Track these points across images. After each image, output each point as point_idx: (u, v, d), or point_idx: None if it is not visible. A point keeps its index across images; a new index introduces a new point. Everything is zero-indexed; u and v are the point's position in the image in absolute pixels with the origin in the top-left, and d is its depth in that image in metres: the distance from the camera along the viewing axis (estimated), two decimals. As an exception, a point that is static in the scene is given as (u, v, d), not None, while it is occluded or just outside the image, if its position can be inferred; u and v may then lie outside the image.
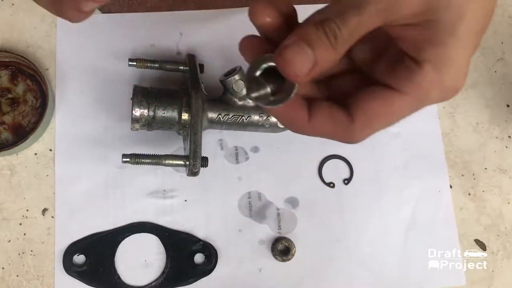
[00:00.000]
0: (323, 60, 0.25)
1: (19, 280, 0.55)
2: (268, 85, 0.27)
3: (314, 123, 0.28)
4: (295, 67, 0.25)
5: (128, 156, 0.50)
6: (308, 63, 0.25)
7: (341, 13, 0.25)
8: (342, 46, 0.25)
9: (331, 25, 0.25)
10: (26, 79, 0.58)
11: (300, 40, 0.25)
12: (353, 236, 0.58)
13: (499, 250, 0.59)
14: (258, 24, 0.28)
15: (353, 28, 0.25)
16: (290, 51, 0.25)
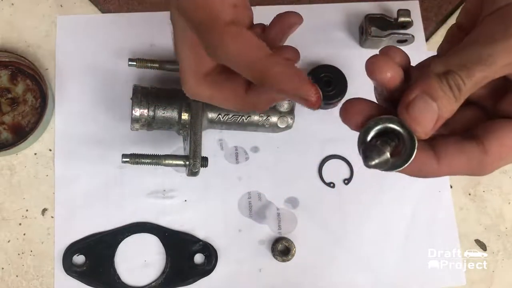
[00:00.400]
0: (446, 113, 0.25)
1: (19, 280, 0.55)
2: (385, 148, 0.26)
3: (445, 163, 0.27)
4: (423, 124, 0.25)
5: (128, 156, 0.50)
6: (434, 118, 0.25)
7: (466, 67, 0.25)
8: (464, 97, 0.25)
9: (456, 79, 0.25)
10: (26, 79, 0.58)
11: (425, 95, 0.25)
12: (353, 236, 0.58)
13: (499, 250, 0.59)
14: (380, 81, 0.27)
15: (478, 82, 0.25)
16: (416, 108, 0.25)
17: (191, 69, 0.35)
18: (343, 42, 0.62)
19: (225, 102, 0.36)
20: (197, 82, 0.36)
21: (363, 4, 0.63)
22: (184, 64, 0.36)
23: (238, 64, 0.30)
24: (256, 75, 0.29)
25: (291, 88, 0.29)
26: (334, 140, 0.60)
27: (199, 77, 0.36)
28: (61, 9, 0.61)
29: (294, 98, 0.30)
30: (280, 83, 0.29)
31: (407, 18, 0.58)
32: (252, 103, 0.36)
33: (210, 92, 0.36)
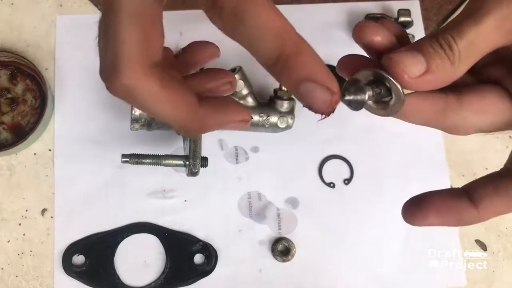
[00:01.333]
0: (438, 70, 0.24)
1: (19, 281, 0.55)
2: (366, 89, 0.25)
3: (485, 209, 0.25)
4: (405, 67, 0.24)
5: (127, 156, 0.50)
6: (418, 67, 0.24)
7: (456, 25, 0.24)
8: (461, 61, 0.24)
9: (446, 37, 0.24)
10: (26, 79, 0.58)
11: (412, 48, 0.24)
12: (354, 236, 0.58)
13: (499, 251, 0.59)
14: (366, 42, 0.26)
15: (470, 41, 0.24)
16: (400, 54, 0.24)
17: (134, 52, 0.24)
18: (343, 42, 0.62)
19: (171, 109, 0.25)
20: (140, 70, 0.24)
21: (363, 4, 0.63)
22: (124, 44, 0.24)
23: (270, 32, 0.23)
24: (288, 50, 0.23)
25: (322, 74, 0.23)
26: (334, 140, 0.60)
27: (145, 65, 0.24)
28: (60, 9, 0.61)
29: None
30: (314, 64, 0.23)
31: (408, 18, 0.58)
32: (203, 119, 0.27)
33: (156, 88, 0.24)
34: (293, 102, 0.55)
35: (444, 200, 0.26)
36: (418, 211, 0.27)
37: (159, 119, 0.27)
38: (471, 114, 0.26)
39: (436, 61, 0.24)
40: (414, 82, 0.24)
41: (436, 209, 0.26)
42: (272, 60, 0.23)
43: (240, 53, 0.29)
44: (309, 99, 0.23)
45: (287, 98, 0.55)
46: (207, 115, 0.27)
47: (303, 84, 0.22)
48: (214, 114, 0.28)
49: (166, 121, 0.26)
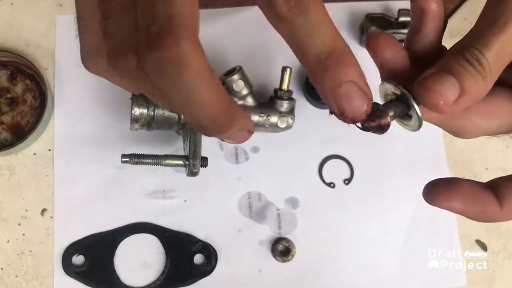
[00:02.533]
0: (471, 89, 0.23)
1: (18, 281, 0.54)
2: (390, 113, 0.24)
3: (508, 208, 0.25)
4: (440, 95, 0.22)
5: (127, 156, 0.49)
6: (453, 91, 0.22)
7: (480, 37, 0.23)
8: (491, 74, 0.23)
9: (473, 52, 0.23)
10: (25, 78, 0.58)
11: (441, 71, 0.23)
12: (354, 236, 0.58)
13: (500, 251, 0.58)
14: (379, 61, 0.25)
15: (498, 50, 0.23)
16: (431, 80, 0.23)
17: (191, 18, 0.21)
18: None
19: (210, 95, 0.22)
20: (196, 39, 0.21)
21: (363, 4, 0.63)
22: (183, 7, 0.20)
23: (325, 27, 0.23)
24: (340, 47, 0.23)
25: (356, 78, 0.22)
26: (334, 140, 0.60)
27: (197, 38, 0.21)
28: (60, 9, 0.61)
29: None
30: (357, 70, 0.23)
31: (408, 18, 0.58)
32: (236, 113, 0.24)
33: (207, 67, 0.21)
34: (293, 102, 0.55)
35: (472, 188, 0.26)
36: (444, 192, 0.26)
37: (189, 106, 0.23)
38: (479, 117, 0.25)
39: (469, 81, 0.23)
40: (451, 109, 0.23)
41: (462, 195, 0.25)
42: (324, 55, 0.22)
43: (240, 53, 0.29)
44: (346, 101, 0.22)
45: (287, 98, 0.55)
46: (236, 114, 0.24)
47: (346, 84, 0.22)
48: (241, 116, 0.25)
49: (200, 108, 0.23)
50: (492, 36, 0.23)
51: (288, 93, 0.54)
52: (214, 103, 0.22)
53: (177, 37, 0.20)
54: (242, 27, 0.61)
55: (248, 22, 0.61)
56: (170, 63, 0.20)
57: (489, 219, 0.26)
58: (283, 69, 0.53)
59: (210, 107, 0.22)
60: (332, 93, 0.22)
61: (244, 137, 0.26)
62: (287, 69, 0.53)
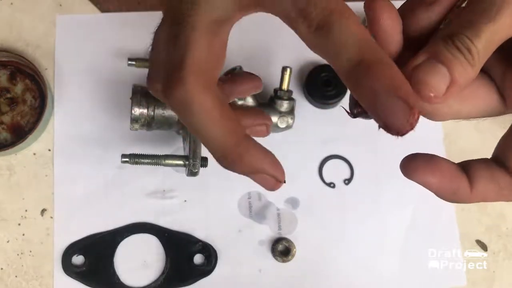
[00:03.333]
0: (460, 78, 0.23)
1: (18, 281, 0.54)
2: None
3: (477, 192, 0.25)
4: (434, 86, 0.22)
5: (127, 156, 0.49)
6: (444, 81, 0.22)
7: (472, 25, 0.23)
8: (480, 62, 0.23)
9: (463, 40, 0.23)
10: (25, 78, 0.58)
11: (432, 59, 0.23)
12: (354, 236, 0.57)
13: (500, 251, 0.58)
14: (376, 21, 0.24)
15: (487, 39, 0.22)
16: (422, 71, 0.23)
17: (201, 64, 0.24)
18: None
19: (218, 131, 0.25)
20: (204, 83, 0.24)
21: (363, 4, 0.62)
22: (193, 52, 0.24)
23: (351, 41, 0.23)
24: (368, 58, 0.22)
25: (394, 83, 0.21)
26: (334, 140, 0.60)
27: (208, 80, 0.24)
28: (60, 9, 0.61)
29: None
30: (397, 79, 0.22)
31: (408, 18, 0.58)
32: (244, 153, 0.26)
33: (213, 105, 0.24)
34: (293, 102, 0.55)
35: (450, 167, 0.25)
36: (425, 167, 0.26)
37: (200, 139, 0.26)
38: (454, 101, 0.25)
39: (459, 70, 0.22)
40: (441, 100, 0.23)
41: (441, 173, 0.25)
42: (353, 64, 0.21)
43: (240, 53, 0.29)
44: (387, 114, 0.21)
45: (287, 98, 0.54)
46: (248, 151, 0.26)
47: (382, 96, 0.20)
48: (255, 153, 0.27)
49: (207, 143, 0.25)
50: (483, 24, 0.22)
51: (288, 93, 0.54)
52: (221, 139, 0.25)
53: (183, 78, 0.23)
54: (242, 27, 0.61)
55: (248, 22, 0.61)
56: (177, 100, 0.24)
57: (458, 200, 0.26)
58: (283, 69, 0.53)
59: (218, 141, 0.25)
60: (370, 107, 0.22)
61: (268, 183, 0.28)
62: (287, 69, 0.53)
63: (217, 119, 0.24)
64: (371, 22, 0.25)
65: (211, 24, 0.24)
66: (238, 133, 0.26)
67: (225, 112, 0.25)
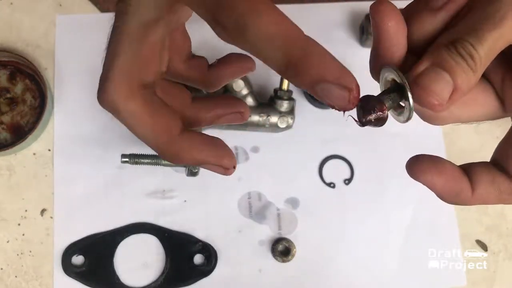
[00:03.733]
0: (464, 85, 0.23)
1: (18, 281, 0.54)
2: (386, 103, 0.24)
3: (477, 195, 0.26)
4: (435, 95, 0.22)
5: (127, 156, 0.49)
6: (448, 89, 0.22)
7: (474, 31, 0.23)
8: (480, 67, 0.23)
9: (466, 46, 0.23)
10: (25, 78, 0.58)
11: (435, 66, 0.23)
12: (354, 236, 0.57)
13: (500, 251, 0.58)
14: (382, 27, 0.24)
15: (490, 46, 0.23)
16: (426, 78, 0.23)
17: (125, 70, 0.25)
18: (343, 41, 0.62)
19: (148, 132, 0.26)
20: (128, 90, 0.25)
21: (363, 4, 0.63)
22: (117, 60, 0.25)
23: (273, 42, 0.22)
24: (296, 55, 0.22)
25: (336, 73, 0.22)
26: (334, 140, 0.60)
27: (133, 85, 0.25)
28: (60, 8, 0.61)
29: None
30: (325, 65, 0.22)
31: (408, 18, 0.58)
32: (180, 150, 0.27)
33: (138, 109, 0.26)
34: (293, 102, 0.55)
35: (454, 170, 0.26)
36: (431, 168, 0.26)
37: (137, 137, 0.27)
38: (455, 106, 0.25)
39: (462, 77, 0.23)
40: (444, 107, 0.23)
41: (446, 175, 0.25)
42: (282, 67, 0.22)
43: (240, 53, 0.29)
44: (328, 99, 0.22)
45: (287, 98, 0.54)
46: (183, 147, 0.28)
47: (317, 86, 0.22)
48: (191, 148, 0.28)
49: (142, 140, 0.27)
50: (487, 31, 0.22)
51: (288, 93, 0.54)
52: (152, 139, 0.27)
53: (107, 87, 0.25)
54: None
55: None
56: (106, 107, 0.26)
57: (459, 202, 0.26)
58: (283, 69, 0.53)
59: (150, 141, 0.27)
60: (313, 95, 0.23)
61: (217, 171, 0.29)
62: (287, 69, 0.53)
63: (144, 121, 0.26)
64: (376, 26, 0.24)
65: (139, 27, 0.25)
66: (170, 132, 0.27)
67: (154, 113, 0.26)
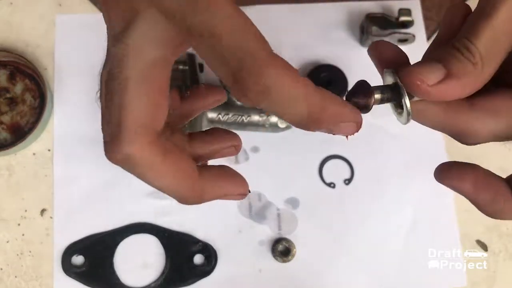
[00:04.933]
0: (459, 73, 0.22)
1: (18, 281, 0.54)
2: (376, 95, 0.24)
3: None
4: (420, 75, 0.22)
5: (127, 156, 0.49)
6: (436, 73, 0.22)
7: (469, 25, 0.23)
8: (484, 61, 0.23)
9: (461, 40, 0.23)
10: (25, 78, 0.58)
11: (429, 58, 0.23)
12: (354, 236, 0.57)
13: (500, 251, 0.58)
14: (378, 59, 0.25)
15: (489, 38, 0.22)
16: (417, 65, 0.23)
17: (141, 122, 0.23)
18: (343, 41, 0.62)
19: (170, 181, 0.25)
20: (144, 141, 0.23)
21: (363, 4, 0.62)
22: (129, 109, 0.22)
23: (295, 102, 0.22)
24: (315, 111, 0.23)
25: (350, 115, 0.24)
26: (334, 140, 0.59)
27: (149, 135, 0.23)
28: (60, 8, 0.61)
29: None
30: (341, 112, 0.24)
31: (408, 17, 0.58)
32: (202, 191, 0.27)
33: (158, 159, 0.24)
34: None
35: (486, 174, 0.25)
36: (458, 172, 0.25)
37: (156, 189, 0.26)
38: (485, 114, 0.24)
39: (456, 65, 0.23)
40: (435, 90, 0.23)
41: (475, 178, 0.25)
42: (304, 122, 0.24)
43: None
44: (342, 134, 0.25)
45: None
46: (206, 187, 0.27)
47: (334, 128, 0.24)
48: (213, 186, 0.28)
49: (162, 191, 0.26)
50: (479, 23, 0.22)
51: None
52: (175, 186, 0.26)
53: (123, 141, 0.23)
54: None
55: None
56: (120, 162, 0.24)
57: (499, 210, 0.25)
58: (283, 69, 0.53)
59: (173, 189, 0.26)
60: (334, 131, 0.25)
61: (235, 199, 0.29)
62: (287, 69, 0.53)
63: (166, 171, 0.25)
64: (378, 63, 0.26)
65: (145, 68, 0.22)
66: (192, 176, 0.26)
67: (174, 161, 0.25)
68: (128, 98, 0.22)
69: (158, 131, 0.24)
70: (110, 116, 0.23)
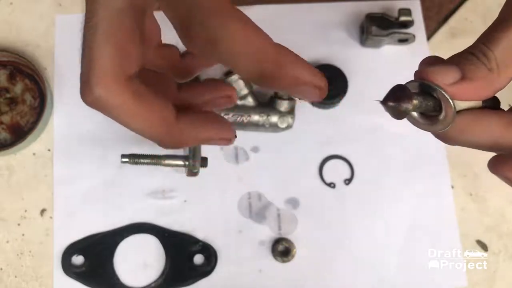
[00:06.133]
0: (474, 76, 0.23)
1: (18, 281, 0.54)
2: (415, 101, 0.24)
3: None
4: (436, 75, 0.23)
5: (127, 156, 0.49)
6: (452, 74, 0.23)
7: (487, 34, 0.24)
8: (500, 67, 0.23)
9: (478, 45, 0.24)
10: (25, 78, 0.58)
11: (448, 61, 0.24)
12: (354, 236, 0.57)
13: (500, 251, 0.58)
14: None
15: (506, 45, 0.23)
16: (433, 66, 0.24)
17: (107, 63, 0.24)
18: (343, 41, 0.62)
19: (144, 123, 0.26)
20: (112, 84, 0.24)
21: (363, 3, 0.62)
22: (97, 59, 0.24)
23: (246, 55, 0.22)
24: (269, 67, 0.23)
25: (309, 77, 0.24)
26: (334, 140, 0.59)
27: (118, 78, 0.24)
28: (60, 8, 0.61)
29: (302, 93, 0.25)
30: (298, 72, 0.24)
31: (408, 17, 0.58)
32: (179, 135, 0.27)
33: (129, 101, 0.25)
34: (293, 102, 0.55)
35: None
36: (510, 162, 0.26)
37: (134, 132, 0.26)
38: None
39: (471, 68, 0.24)
40: (450, 90, 0.23)
41: None
42: (255, 78, 0.23)
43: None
44: (301, 97, 0.25)
45: (287, 98, 0.54)
46: (183, 131, 0.27)
47: (292, 89, 0.24)
48: (192, 130, 0.27)
49: (140, 134, 0.26)
50: (498, 31, 0.23)
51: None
52: (149, 128, 0.26)
53: (91, 86, 0.24)
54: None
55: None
56: (93, 106, 0.25)
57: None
58: (283, 69, 0.53)
59: (147, 131, 0.26)
60: (287, 93, 0.25)
61: (220, 144, 0.29)
62: (287, 69, 0.53)
63: (138, 114, 0.25)
64: None
65: (112, 15, 0.25)
66: (167, 119, 0.26)
67: (145, 104, 0.25)
68: (96, 44, 0.24)
69: (128, 75, 0.25)
70: (83, 61, 0.25)
